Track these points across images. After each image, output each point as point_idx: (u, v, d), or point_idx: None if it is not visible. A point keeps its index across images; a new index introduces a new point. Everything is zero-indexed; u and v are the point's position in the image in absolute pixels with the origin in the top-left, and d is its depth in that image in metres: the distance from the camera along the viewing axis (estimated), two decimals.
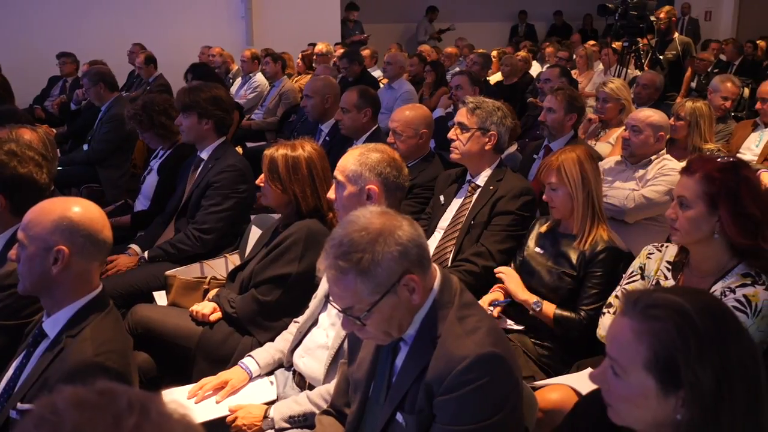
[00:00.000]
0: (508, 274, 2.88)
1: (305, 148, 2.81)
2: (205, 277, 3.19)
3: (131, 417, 0.79)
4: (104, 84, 5.57)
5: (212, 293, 2.98)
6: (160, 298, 3.26)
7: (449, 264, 3.11)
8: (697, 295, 1.36)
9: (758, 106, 5.02)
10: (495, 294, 2.88)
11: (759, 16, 13.66)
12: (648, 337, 1.28)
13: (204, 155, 3.70)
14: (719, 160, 2.26)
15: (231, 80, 8.84)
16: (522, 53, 9.00)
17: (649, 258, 2.51)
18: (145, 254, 3.56)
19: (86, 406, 0.80)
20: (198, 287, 3.11)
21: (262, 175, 2.84)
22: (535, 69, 9.12)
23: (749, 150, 4.98)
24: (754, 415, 1.28)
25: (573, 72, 8.29)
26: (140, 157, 5.54)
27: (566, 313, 2.71)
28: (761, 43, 11.20)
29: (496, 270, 2.91)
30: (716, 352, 1.26)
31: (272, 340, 2.67)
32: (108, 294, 2.06)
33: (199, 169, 3.69)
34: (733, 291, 2.17)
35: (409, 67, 8.09)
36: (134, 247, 3.63)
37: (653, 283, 2.44)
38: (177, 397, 2.41)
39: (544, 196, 2.87)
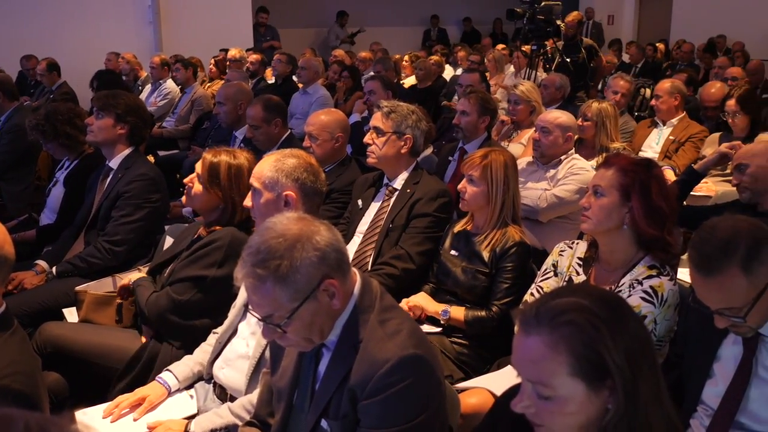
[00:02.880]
0: (417, 297, 2.93)
1: (245, 157, 2.78)
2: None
3: None
4: (3, 93, 5.31)
5: (134, 276, 2.90)
6: (71, 315, 3.13)
7: (369, 268, 3.12)
8: (585, 289, 1.41)
9: (653, 102, 5.27)
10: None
11: (658, 20, 14.37)
12: (564, 344, 1.30)
13: (113, 164, 3.57)
14: (634, 157, 2.40)
15: (140, 87, 8.59)
16: (435, 57, 9.12)
17: (561, 255, 2.60)
18: (53, 270, 3.41)
19: None
20: (111, 302, 3.00)
21: (192, 175, 2.77)
22: (448, 72, 9.27)
23: (650, 148, 5.22)
24: (657, 390, 1.33)
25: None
26: (44, 169, 5.30)
27: (477, 313, 2.78)
28: (660, 46, 11.78)
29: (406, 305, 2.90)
30: (621, 333, 1.30)
31: (185, 346, 2.62)
32: (13, 313, 1.96)
33: (109, 179, 3.57)
34: (640, 283, 2.28)
35: (331, 74, 8.09)
36: (41, 263, 3.47)
37: (566, 279, 2.53)
38: (92, 417, 2.32)
39: (459, 186, 2.93)
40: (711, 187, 4.21)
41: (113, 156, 3.59)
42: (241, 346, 2.37)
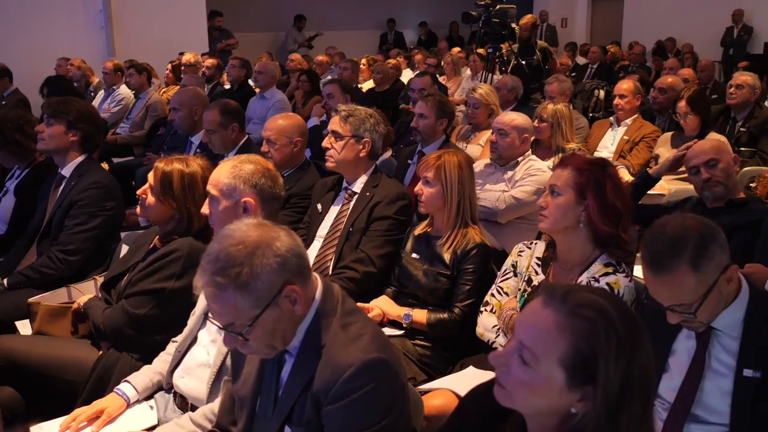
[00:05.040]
0: (379, 301, 2.93)
1: (198, 164, 2.72)
2: (73, 302, 3.01)
3: None
4: None
5: (83, 300, 2.84)
6: (24, 327, 3.04)
7: (330, 272, 3.11)
8: (615, 299, 1.41)
9: (616, 102, 5.36)
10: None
11: (610, 23, 14.67)
12: (572, 334, 1.30)
13: (66, 172, 3.50)
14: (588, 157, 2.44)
15: (92, 93, 8.43)
16: (393, 61, 9.16)
17: (520, 256, 2.63)
18: (5, 281, 3.31)
19: None
20: (66, 313, 2.93)
21: (145, 186, 2.71)
22: (407, 76, 9.31)
23: (605, 148, 5.32)
24: (646, 420, 1.33)
25: (441, 78, 8.53)
26: None
27: (439, 315, 2.79)
28: (613, 48, 12.02)
29: (368, 309, 2.90)
30: (627, 355, 1.30)
31: (143, 358, 2.57)
32: None
33: (61, 187, 3.49)
34: (597, 280, 2.32)
35: (294, 82, 8.06)
36: None
37: (525, 279, 2.56)
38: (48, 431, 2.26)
39: (416, 189, 2.94)
40: (664, 186, 4.31)
41: (66, 164, 3.52)
42: (201, 355, 2.34)
